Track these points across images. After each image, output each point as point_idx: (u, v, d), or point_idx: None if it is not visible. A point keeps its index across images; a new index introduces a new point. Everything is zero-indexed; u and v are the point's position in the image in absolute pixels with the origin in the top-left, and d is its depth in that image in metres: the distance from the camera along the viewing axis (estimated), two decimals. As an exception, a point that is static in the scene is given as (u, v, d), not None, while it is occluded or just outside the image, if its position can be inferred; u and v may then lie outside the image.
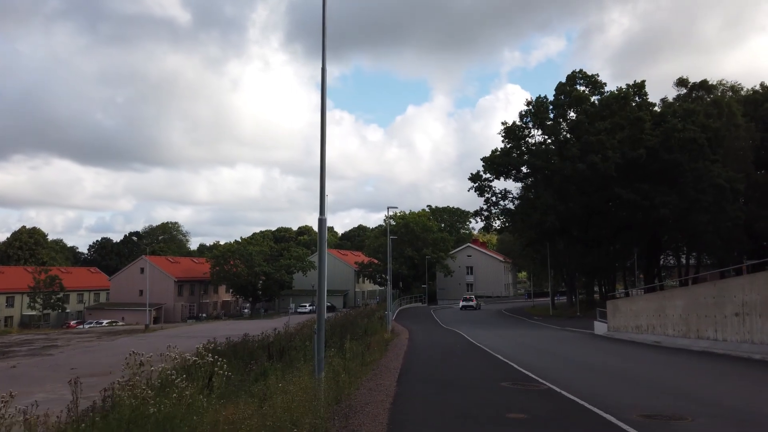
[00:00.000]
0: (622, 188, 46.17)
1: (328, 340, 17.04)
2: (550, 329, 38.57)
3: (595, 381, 13.50)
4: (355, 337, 20.15)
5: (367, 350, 18.80)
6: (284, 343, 16.16)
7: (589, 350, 23.57)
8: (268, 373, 10.15)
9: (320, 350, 8.84)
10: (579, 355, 21.18)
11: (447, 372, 15.00)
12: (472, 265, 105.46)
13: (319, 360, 8.81)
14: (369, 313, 40.26)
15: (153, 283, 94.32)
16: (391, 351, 21.17)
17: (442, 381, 13.03)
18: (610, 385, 12.77)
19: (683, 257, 69.03)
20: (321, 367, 8.84)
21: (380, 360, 17.37)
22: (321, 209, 9.22)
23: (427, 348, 24.03)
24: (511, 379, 13.08)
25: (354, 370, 12.88)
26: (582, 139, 46.67)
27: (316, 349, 8.86)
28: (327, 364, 10.70)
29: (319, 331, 8.88)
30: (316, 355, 8.83)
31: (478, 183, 55.81)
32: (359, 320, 28.64)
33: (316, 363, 8.85)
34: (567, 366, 17.03)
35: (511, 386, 12.09)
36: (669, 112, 51.04)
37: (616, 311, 30.49)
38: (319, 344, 8.85)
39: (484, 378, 13.74)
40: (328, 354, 12.18)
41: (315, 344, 8.94)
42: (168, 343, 16.85)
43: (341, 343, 15.91)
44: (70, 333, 67.41)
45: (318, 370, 8.78)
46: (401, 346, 24.33)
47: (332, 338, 18.13)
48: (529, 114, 50.83)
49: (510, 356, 19.14)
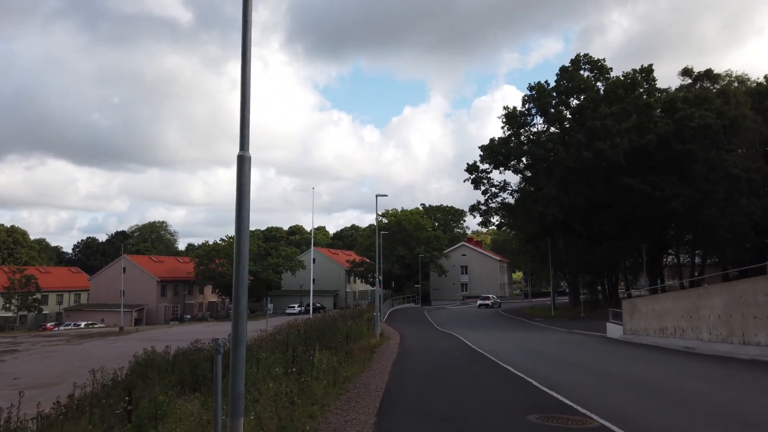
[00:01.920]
0: (631, 178, 42.62)
1: (296, 349, 13.29)
2: (555, 332, 34.93)
3: (652, 407, 9.80)
4: (331, 345, 16.42)
5: (346, 361, 15.08)
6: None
7: (614, 358, 19.90)
8: (161, 410, 6.35)
9: (237, 382, 5.10)
10: (605, 365, 17.50)
11: (448, 396, 11.24)
12: (467, 265, 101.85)
13: (235, 397, 5.09)
14: (357, 314, 36.45)
15: (134, 283, 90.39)
16: (377, 361, 17.41)
17: (443, 414, 9.21)
18: (677, 417, 9.06)
19: (685, 256, 65.60)
20: (238, 409, 5.11)
21: (360, 375, 13.61)
22: (242, 143, 5.58)
23: (421, 356, 20.29)
24: (539, 409, 9.36)
25: (317, 395, 9.17)
26: (587, 125, 43.05)
27: (232, 380, 5.13)
28: (269, 395, 6.96)
29: (235, 351, 5.15)
30: (232, 390, 5.10)
31: (475, 175, 52.05)
32: (341, 323, 24.86)
33: (230, 402, 5.11)
34: (600, 382, 13.36)
35: (546, 423, 8.35)
36: (679, 98, 47.61)
37: (635, 312, 26.86)
38: (235, 374, 5.11)
39: (501, 406, 10.01)
40: (275, 375, 8.42)
41: (230, 372, 5.19)
42: (136, 347, 13.22)
43: (310, 356, 12.16)
44: (40, 336, 63.72)
45: (233, 413, 5.06)
46: (390, 353, 20.60)
47: (301, 347, 14.41)
48: (532, 99, 47.03)
49: (523, 367, 15.48)
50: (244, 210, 5.58)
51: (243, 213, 5.58)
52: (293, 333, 18.98)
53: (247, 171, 5.58)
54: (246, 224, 5.62)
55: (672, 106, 46.58)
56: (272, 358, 11.20)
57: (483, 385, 12.76)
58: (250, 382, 8.44)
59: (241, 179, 5.55)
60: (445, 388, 12.12)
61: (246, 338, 5.38)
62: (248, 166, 5.59)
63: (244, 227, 5.58)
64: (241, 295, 5.40)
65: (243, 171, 5.56)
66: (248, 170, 5.59)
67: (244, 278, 5.49)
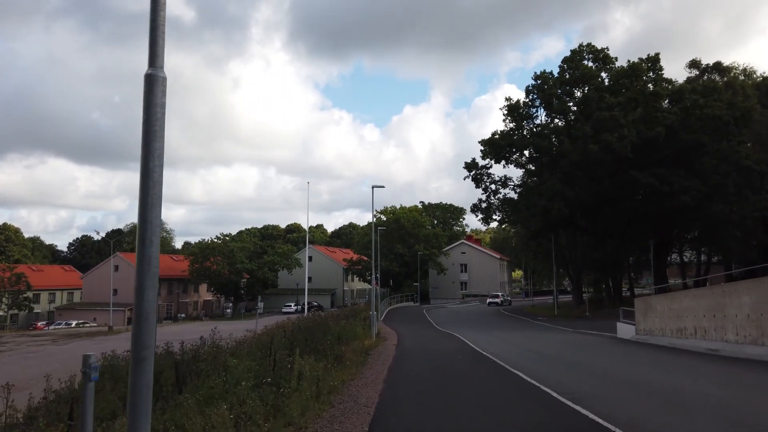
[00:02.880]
0: (638, 172, 40.83)
1: (276, 354, 11.49)
2: (561, 332, 33.11)
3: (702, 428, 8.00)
4: (320, 348, 14.61)
5: (335, 367, 13.28)
6: (185, 368, 10.49)
7: (633, 363, 18.10)
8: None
9: (138, 421, 3.23)
10: (626, 370, 15.71)
11: (452, 412, 9.44)
12: (467, 263, 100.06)
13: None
14: (353, 313, 34.63)
15: (127, 282, 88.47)
16: (370, 366, 15.60)
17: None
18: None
19: (689, 253, 63.73)
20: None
21: (350, 384, 11.79)
22: (152, 59, 3.78)
23: (420, 360, 18.49)
24: (569, 430, 7.57)
25: (293, 413, 7.36)
26: (593, 116, 41.20)
27: (130, 418, 3.25)
28: (222, 419, 5.16)
29: (136, 371, 3.30)
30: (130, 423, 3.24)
31: (474, 172, 50.14)
32: (333, 323, 23.03)
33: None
34: (627, 392, 11.55)
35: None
36: (687, 89, 45.82)
37: (649, 311, 25.06)
38: (134, 409, 3.21)
39: (520, 428, 8.21)
40: (240, 391, 6.60)
41: (128, 406, 3.32)
42: (122, 347, 12.19)
43: (289, 362, 10.35)
44: (28, 335, 61.86)
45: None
46: (386, 356, 18.79)
47: (285, 351, 12.61)
48: (535, 90, 45.06)
49: (534, 373, 13.71)
50: (153, 153, 3.78)
51: (151, 157, 3.77)
52: (279, 334, 17.21)
53: (158, 96, 3.78)
54: (157, 175, 3.82)
55: (680, 96, 44.82)
56: (242, 366, 9.38)
57: (493, 397, 10.96)
58: (205, 399, 6.62)
59: (150, 107, 3.76)
60: (449, 401, 10.31)
61: (153, 351, 3.56)
62: (161, 90, 3.79)
63: (153, 181, 3.77)
64: (147, 287, 3.59)
65: (153, 95, 3.77)
66: (161, 95, 3.79)
67: (151, 258, 3.68)
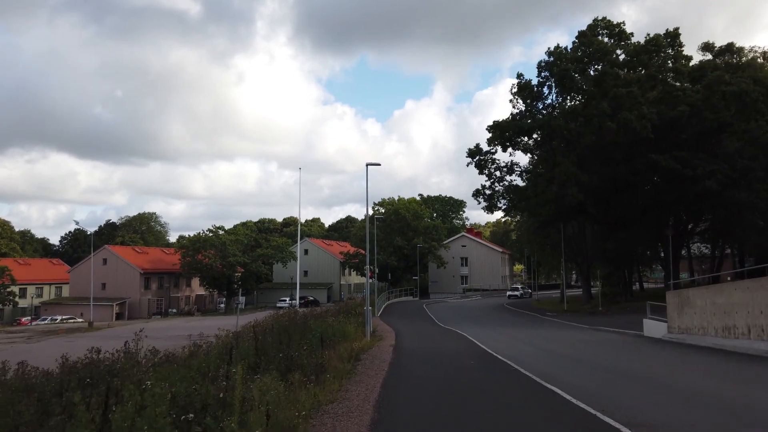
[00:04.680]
0: (659, 155, 37.36)
1: (218, 370, 8.09)
2: (578, 329, 29.72)
3: None
4: (293, 356, 11.18)
5: (311, 383, 9.88)
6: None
7: (686, 370, 14.69)
8: None
9: None
10: (678, 380, 12.29)
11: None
12: (467, 256, 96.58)
13: None
14: (346, 308, 31.16)
15: (117, 275, 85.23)
16: (359, 378, 12.17)
17: None
18: None
19: (700, 246, 60.21)
20: None
21: (326, 410, 8.38)
22: None
23: (422, 367, 15.07)
24: None
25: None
26: (610, 93, 37.68)
27: None
28: None
29: None
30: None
31: (478, 158, 46.62)
32: (319, 321, 19.55)
33: None
34: (696, 411, 8.18)
35: None
36: (709, 65, 42.32)
37: (685, 306, 21.65)
38: None
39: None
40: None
41: None
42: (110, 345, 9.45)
43: (229, 384, 6.91)
44: (5, 332, 58.47)
45: None
46: (380, 362, 15.39)
47: (240, 362, 9.19)
48: (548, 66, 41.36)
49: (567, 384, 10.38)
50: None
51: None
52: (247, 338, 13.77)
53: None
54: None
55: (701, 74, 41.34)
56: (157, 395, 5.94)
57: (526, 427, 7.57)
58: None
59: None
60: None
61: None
62: None
63: None
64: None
65: None
66: None
67: None
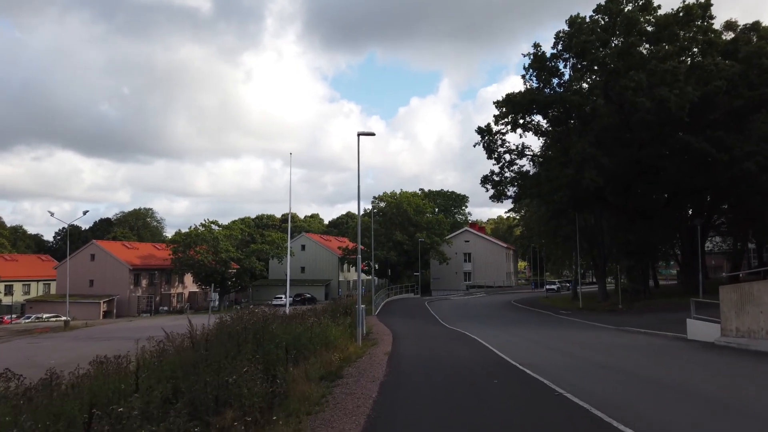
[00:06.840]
0: (691, 135, 33.29)
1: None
2: (604, 330, 25.65)
3: None
4: (223, 386, 7.15)
5: (253, 426, 5.90)
6: None
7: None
8: None
9: None
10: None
11: None
12: (471, 252, 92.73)
13: None
14: (337, 307, 27.14)
15: (105, 272, 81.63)
16: (329, 415, 8.18)
17: None
18: None
19: (710, 238, 56.00)
20: None
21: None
22: None
23: (425, 390, 11.00)
24: None
25: None
26: (647, 66, 33.53)
27: None
28: None
29: None
30: None
31: (487, 138, 42.50)
32: (296, 322, 15.50)
33: None
34: None
35: None
36: (744, 38, 38.24)
37: (746, 304, 17.62)
38: None
39: None
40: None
41: None
42: (59, 348, 4.51)
43: None
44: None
45: None
46: (368, 380, 11.37)
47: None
48: (566, 37, 37.03)
49: (645, 422, 6.44)
50: None
51: None
52: (186, 353, 9.76)
53: None
54: None
55: (735, 47, 37.29)
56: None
57: None
58: None
59: None
60: None
61: None
62: None
63: None
64: None
65: None
66: None
67: None
